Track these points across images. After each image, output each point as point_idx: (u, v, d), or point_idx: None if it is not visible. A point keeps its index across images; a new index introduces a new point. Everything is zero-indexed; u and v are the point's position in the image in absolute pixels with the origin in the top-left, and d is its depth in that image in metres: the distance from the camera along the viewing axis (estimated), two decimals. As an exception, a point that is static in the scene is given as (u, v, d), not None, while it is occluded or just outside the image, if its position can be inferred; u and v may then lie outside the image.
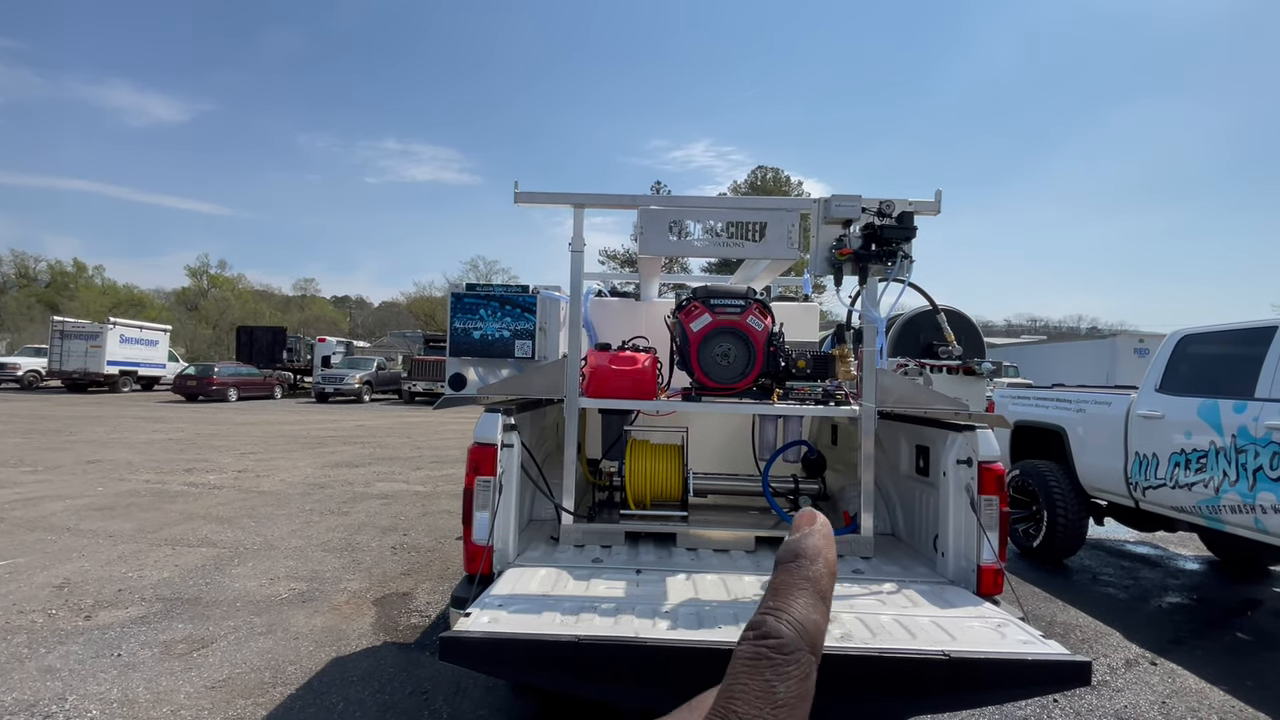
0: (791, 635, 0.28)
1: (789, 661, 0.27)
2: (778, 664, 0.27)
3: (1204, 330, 5.12)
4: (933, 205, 3.16)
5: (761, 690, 0.26)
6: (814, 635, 0.28)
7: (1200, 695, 3.55)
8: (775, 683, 0.27)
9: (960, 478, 2.91)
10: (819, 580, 0.30)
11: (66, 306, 41.86)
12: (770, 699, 0.26)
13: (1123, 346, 18.51)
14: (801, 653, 0.28)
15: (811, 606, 0.29)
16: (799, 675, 0.27)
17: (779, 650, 0.27)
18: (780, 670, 0.27)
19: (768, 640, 0.28)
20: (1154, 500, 5.07)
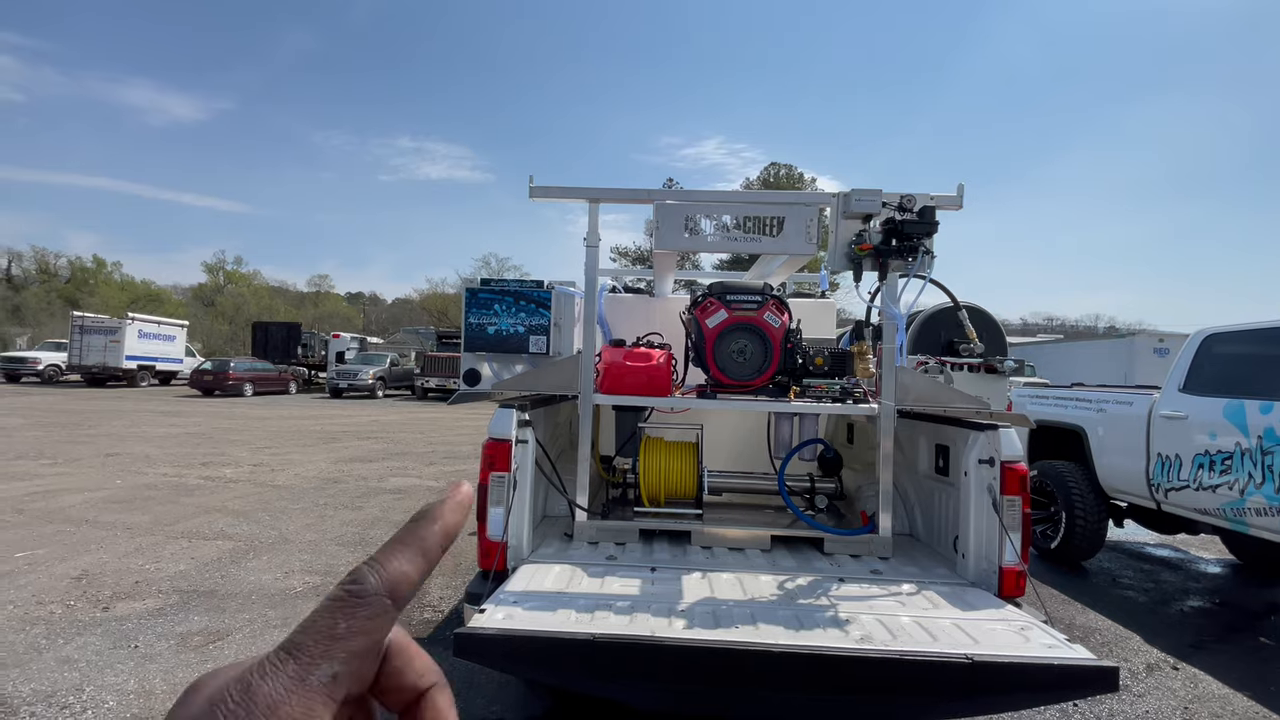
0: (373, 583, 0.32)
1: (361, 605, 0.31)
2: (348, 605, 0.31)
3: (1229, 329, 5.01)
4: (954, 200, 3.11)
5: (326, 625, 0.31)
6: (396, 585, 0.32)
7: (1224, 701, 3.47)
8: (340, 620, 0.31)
9: (982, 478, 2.86)
10: (426, 540, 0.34)
11: (86, 302, 42.45)
12: (330, 632, 0.31)
13: (1142, 346, 18.20)
14: (377, 598, 0.32)
15: (408, 561, 0.33)
16: (365, 615, 0.31)
17: (355, 595, 0.31)
18: (348, 610, 0.31)
19: (351, 585, 0.32)
20: (1176, 502, 4.98)
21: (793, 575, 2.88)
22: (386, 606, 0.32)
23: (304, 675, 0.30)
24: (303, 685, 0.29)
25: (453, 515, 0.36)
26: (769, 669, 2.02)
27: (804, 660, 2.01)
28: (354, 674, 0.31)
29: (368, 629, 0.31)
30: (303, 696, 0.29)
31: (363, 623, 0.31)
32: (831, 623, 2.34)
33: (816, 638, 2.18)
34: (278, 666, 0.30)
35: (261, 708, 0.28)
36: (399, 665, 0.36)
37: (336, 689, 0.30)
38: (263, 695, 0.29)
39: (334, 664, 0.30)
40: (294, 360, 29.47)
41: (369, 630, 0.31)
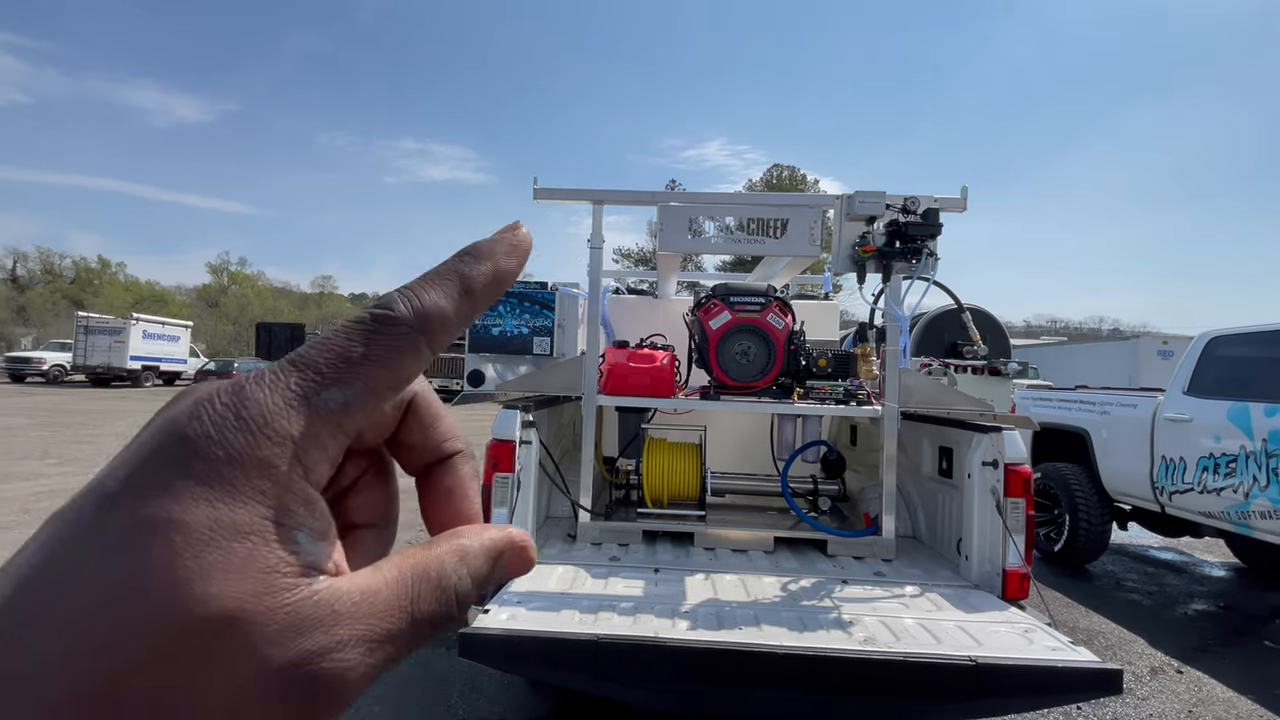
0: (404, 312, 0.27)
1: (385, 332, 0.27)
2: (370, 329, 0.27)
3: (1234, 332, 5.00)
4: (958, 202, 3.11)
5: (341, 344, 0.26)
6: (430, 318, 0.27)
7: (1228, 704, 3.47)
8: (358, 343, 0.26)
9: (985, 480, 2.86)
10: (470, 279, 0.29)
11: (91, 303, 42.63)
12: (345, 353, 0.26)
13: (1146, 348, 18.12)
14: (404, 328, 0.27)
15: (446, 296, 0.28)
16: (389, 344, 0.26)
17: (379, 319, 0.27)
18: (370, 334, 0.26)
19: (376, 309, 0.27)
20: (1180, 505, 4.96)
21: (796, 577, 2.88)
22: (417, 341, 0.27)
23: (309, 393, 0.25)
24: (305, 403, 0.25)
25: (507, 258, 0.30)
26: (772, 670, 2.02)
27: (807, 662, 2.02)
28: (370, 412, 0.27)
29: (390, 361, 0.27)
30: (303, 414, 0.25)
31: (386, 351, 0.26)
32: (835, 624, 2.34)
33: (820, 639, 2.18)
34: (279, 377, 0.25)
35: (253, 415, 0.24)
36: (424, 421, 0.32)
37: (347, 420, 0.26)
38: (255, 402, 0.24)
39: (344, 391, 0.26)
40: (297, 361, 29.50)
41: (391, 363, 0.27)
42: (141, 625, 0.21)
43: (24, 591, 0.21)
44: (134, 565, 0.21)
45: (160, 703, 0.21)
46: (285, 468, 0.24)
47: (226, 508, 0.23)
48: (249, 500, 0.23)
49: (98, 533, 0.22)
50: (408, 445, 0.32)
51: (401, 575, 0.27)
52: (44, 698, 0.20)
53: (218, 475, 0.23)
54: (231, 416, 0.24)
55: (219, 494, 0.23)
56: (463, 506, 0.32)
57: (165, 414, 0.25)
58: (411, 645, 0.26)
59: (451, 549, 0.29)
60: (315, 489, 0.25)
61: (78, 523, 0.22)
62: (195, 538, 0.22)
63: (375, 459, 0.32)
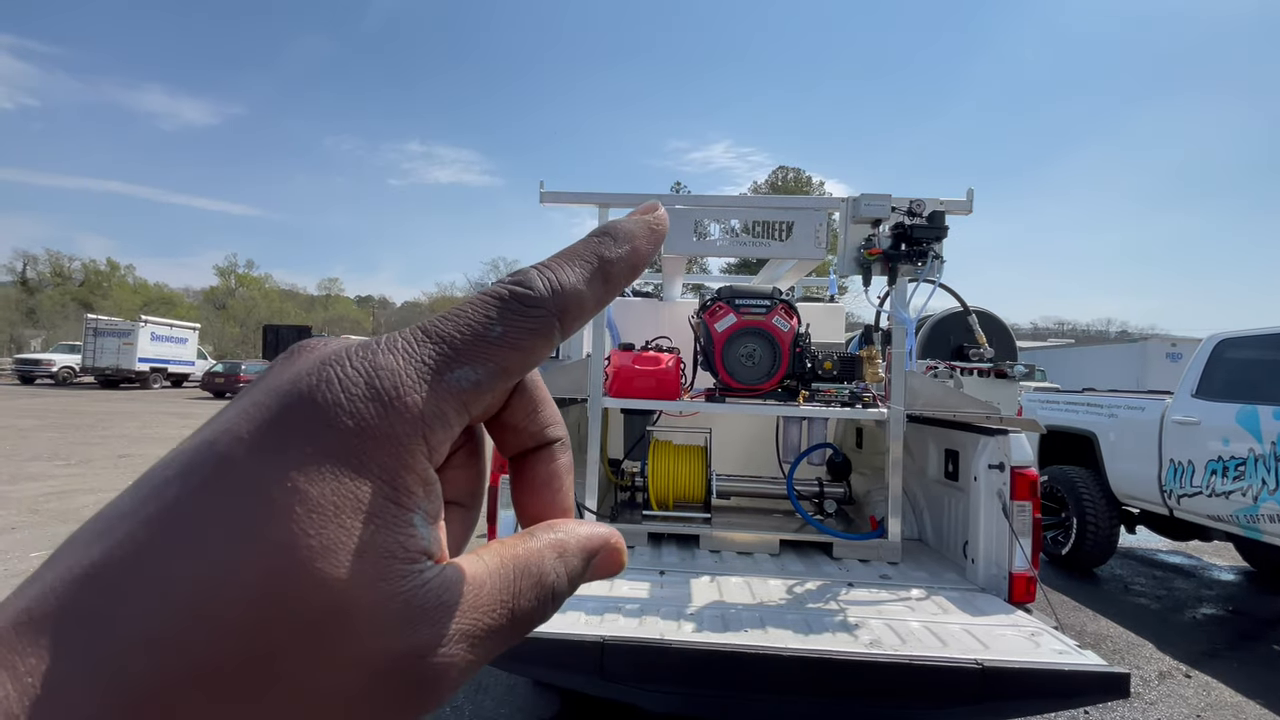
0: (542, 291, 0.25)
1: (524, 313, 0.25)
2: (510, 308, 0.25)
3: (1242, 334, 4.98)
4: (964, 204, 3.11)
5: (480, 321, 0.24)
6: (567, 301, 0.26)
7: (1237, 709, 3.44)
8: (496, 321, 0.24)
9: (992, 483, 2.85)
10: (610, 261, 0.27)
11: (100, 305, 42.94)
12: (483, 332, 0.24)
13: (1154, 351, 18.02)
14: (541, 310, 0.25)
15: (583, 279, 0.26)
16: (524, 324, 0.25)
17: (520, 298, 0.25)
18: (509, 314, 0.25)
19: (516, 285, 0.25)
20: (1189, 508, 4.94)
21: (801, 579, 2.88)
22: (551, 324, 0.25)
23: (441, 368, 0.23)
24: (437, 378, 0.23)
25: (647, 243, 0.28)
26: (778, 673, 2.02)
27: (813, 664, 2.02)
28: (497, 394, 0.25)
29: (524, 343, 0.25)
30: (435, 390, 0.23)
31: (521, 333, 0.25)
32: (840, 627, 2.34)
33: (825, 642, 2.18)
34: (412, 347, 0.24)
35: (385, 385, 0.22)
36: (530, 404, 0.30)
37: (473, 399, 0.24)
38: (390, 372, 0.23)
39: (477, 370, 0.24)
40: (304, 363, 29.61)
41: (525, 345, 0.25)
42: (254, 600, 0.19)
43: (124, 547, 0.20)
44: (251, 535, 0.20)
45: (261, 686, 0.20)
46: (412, 445, 0.23)
47: (352, 483, 0.21)
48: (373, 477, 0.22)
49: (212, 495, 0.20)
50: (510, 426, 0.30)
51: (504, 568, 0.25)
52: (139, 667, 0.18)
53: (345, 447, 0.22)
54: (363, 384, 0.22)
55: (345, 468, 0.21)
56: (558, 498, 0.30)
57: (285, 371, 0.23)
58: (509, 643, 0.25)
59: (551, 543, 0.27)
60: (434, 469, 0.24)
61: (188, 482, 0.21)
62: (318, 512, 0.21)
63: (470, 433, 0.30)
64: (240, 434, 0.21)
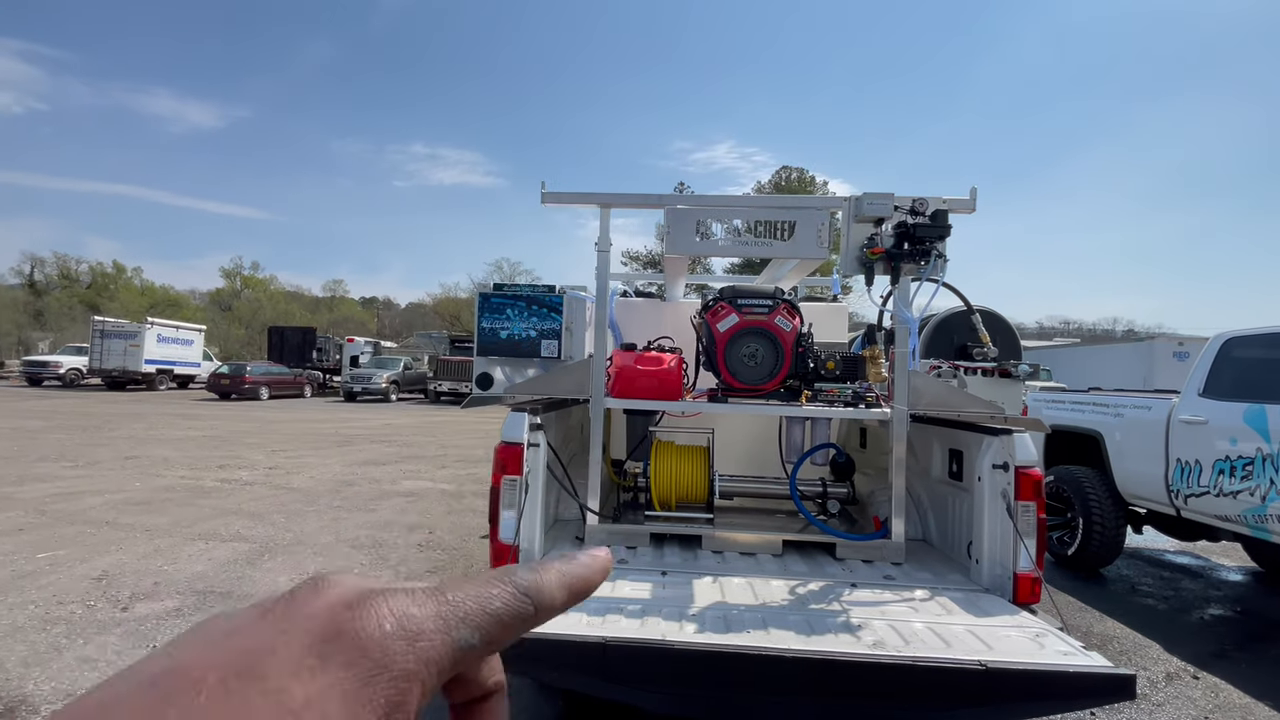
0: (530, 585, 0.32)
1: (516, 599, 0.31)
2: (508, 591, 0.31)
3: (1250, 333, 4.94)
4: (968, 203, 3.09)
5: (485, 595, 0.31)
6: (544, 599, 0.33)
7: (1245, 710, 3.42)
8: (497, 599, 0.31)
9: (996, 482, 2.84)
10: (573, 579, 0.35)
11: (106, 307, 43.10)
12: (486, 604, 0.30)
13: (1161, 350, 17.91)
14: (528, 601, 0.32)
15: (557, 587, 0.34)
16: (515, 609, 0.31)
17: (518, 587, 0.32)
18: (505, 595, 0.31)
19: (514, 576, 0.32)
20: (1196, 508, 4.90)
21: (804, 580, 2.86)
22: (530, 613, 0.32)
23: (449, 627, 0.29)
24: (446, 634, 0.28)
25: (599, 575, 0.36)
26: (780, 674, 2.01)
27: (815, 665, 2.01)
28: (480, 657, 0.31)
29: (510, 623, 0.31)
30: (442, 643, 0.28)
31: (510, 615, 0.31)
32: (843, 628, 2.33)
33: (828, 643, 2.17)
34: (432, 604, 0.29)
35: (410, 629, 0.28)
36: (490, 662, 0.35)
37: (464, 658, 0.29)
38: (414, 619, 0.28)
39: (475, 634, 0.29)
40: (309, 364, 29.74)
41: (509, 625, 0.31)
42: None
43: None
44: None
45: None
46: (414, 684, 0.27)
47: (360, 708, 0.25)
48: (378, 705, 0.26)
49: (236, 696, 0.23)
50: (466, 679, 0.35)
51: None
52: None
53: (370, 676, 0.26)
54: (396, 626, 0.27)
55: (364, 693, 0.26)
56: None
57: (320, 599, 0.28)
58: None
59: None
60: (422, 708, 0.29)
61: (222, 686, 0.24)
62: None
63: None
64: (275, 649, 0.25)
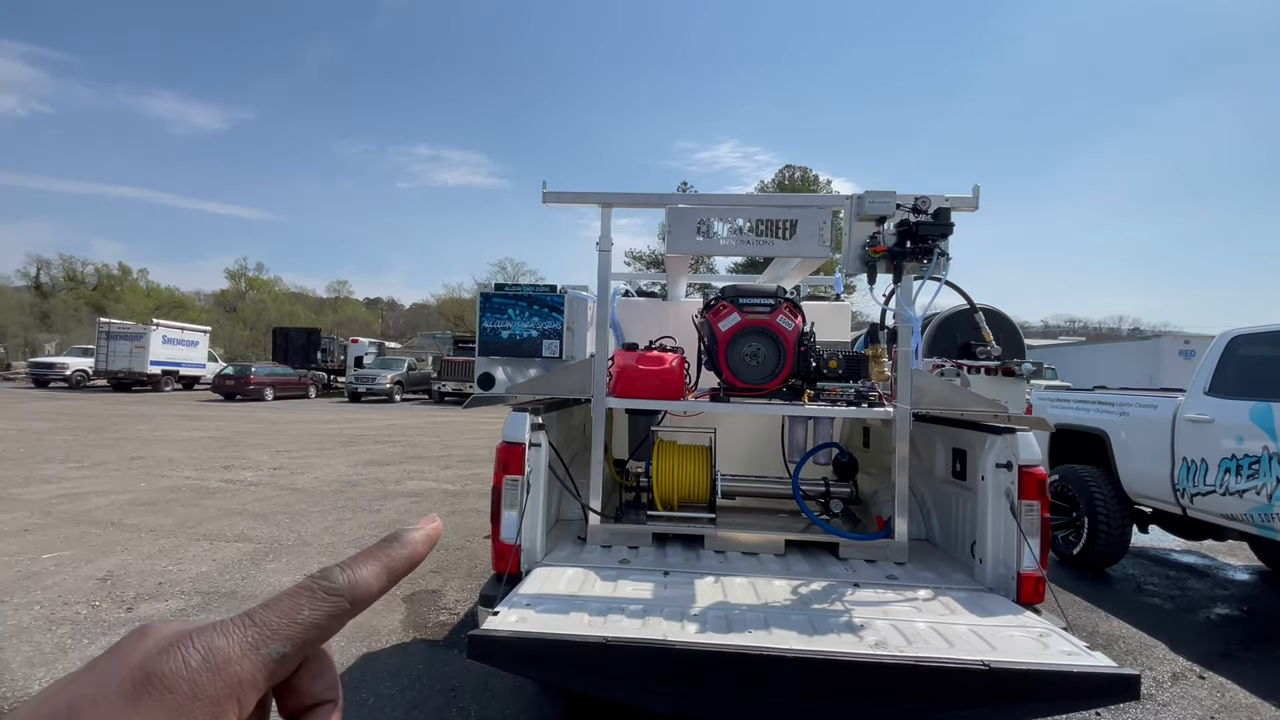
0: (343, 583, 0.35)
1: (326, 601, 0.34)
2: (316, 597, 0.34)
3: (1256, 330, 4.90)
4: (970, 201, 3.08)
5: (291, 607, 0.33)
6: (359, 593, 0.35)
7: (1251, 710, 3.39)
8: (305, 607, 0.34)
9: (999, 482, 2.82)
10: (394, 561, 0.38)
11: (112, 309, 43.23)
12: (293, 615, 0.33)
13: (1167, 348, 17.83)
14: (340, 599, 0.35)
15: (375, 575, 0.36)
16: (327, 609, 0.34)
17: (325, 589, 0.35)
18: (315, 602, 0.34)
19: (322, 580, 0.35)
20: (1202, 507, 4.87)
21: (807, 580, 2.86)
22: (346, 608, 0.35)
23: (259, 645, 0.32)
24: (255, 652, 0.32)
25: (422, 545, 0.39)
26: (781, 674, 2.01)
27: (817, 665, 2.00)
28: (296, 661, 0.34)
29: (323, 624, 0.34)
30: (252, 662, 0.32)
31: (322, 616, 0.34)
32: (846, 628, 2.32)
33: (830, 643, 2.16)
34: (239, 630, 0.32)
35: (217, 659, 0.31)
36: (315, 671, 0.38)
37: (280, 668, 0.33)
38: (220, 648, 0.31)
39: (286, 645, 0.33)
40: (313, 365, 29.83)
41: (324, 625, 0.34)
42: None
43: None
44: None
45: None
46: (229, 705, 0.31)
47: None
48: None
49: None
50: (296, 689, 0.37)
51: None
52: None
53: (180, 708, 0.29)
54: (200, 659, 0.31)
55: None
56: None
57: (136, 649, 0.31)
58: None
59: None
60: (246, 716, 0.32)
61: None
62: None
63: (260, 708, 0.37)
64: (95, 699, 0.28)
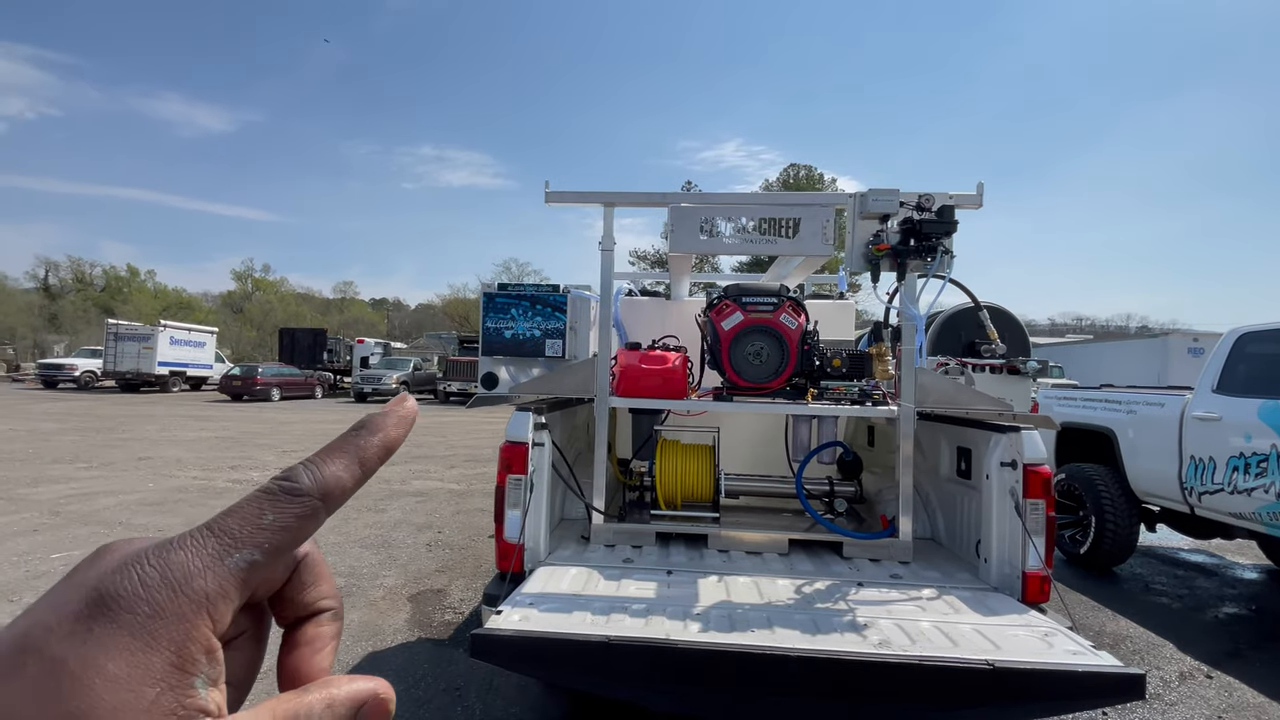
0: (307, 482, 0.32)
1: (291, 501, 0.31)
2: (279, 499, 0.31)
3: (1264, 328, 4.87)
4: (974, 199, 3.06)
5: (253, 512, 0.31)
6: (329, 488, 0.32)
7: (1259, 710, 3.37)
8: (267, 510, 0.31)
9: (1004, 480, 2.81)
10: (364, 449, 0.34)
11: (120, 310, 43.50)
12: (256, 520, 0.31)
13: (1175, 346, 17.71)
14: (309, 498, 0.32)
15: (344, 467, 0.33)
16: (294, 512, 0.31)
17: (287, 490, 0.32)
18: (278, 504, 0.31)
19: (284, 481, 0.32)
20: (1210, 506, 4.84)
21: (810, 579, 2.85)
22: (316, 507, 0.32)
23: (223, 555, 0.30)
24: (219, 563, 0.29)
25: (395, 429, 0.35)
26: (783, 673, 2.00)
27: (819, 664, 1.99)
28: (271, 568, 0.32)
29: (293, 526, 0.31)
30: (217, 573, 0.29)
31: (290, 519, 0.31)
32: (849, 627, 2.31)
33: (833, 642, 2.15)
34: (199, 542, 0.30)
35: (176, 574, 0.28)
36: (306, 580, 0.36)
37: (251, 576, 0.30)
38: (179, 563, 0.29)
39: (254, 552, 0.30)
40: (320, 365, 29.94)
41: (294, 528, 0.31)
42: None
43: None
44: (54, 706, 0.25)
45: None
46: (197, 620, 0.28)
47: (144, 655, 0.27)
48: (163, 650, 0.27)
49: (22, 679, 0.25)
50: (288, 599, 0.36)
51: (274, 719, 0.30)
52: None
53: (142, 627, 0.27)
54: (158, 576, 0.28)
55: (140, 643, 0.27)
56: (316, 658, 0.36)
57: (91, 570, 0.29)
58: None
59: (321, 698, 0.31)
60: (218, 637, 0.30)
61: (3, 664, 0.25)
62: (113, 681, 0.26)
63: (257, 620, 0.36)
64: (50, 624, 0.26)
